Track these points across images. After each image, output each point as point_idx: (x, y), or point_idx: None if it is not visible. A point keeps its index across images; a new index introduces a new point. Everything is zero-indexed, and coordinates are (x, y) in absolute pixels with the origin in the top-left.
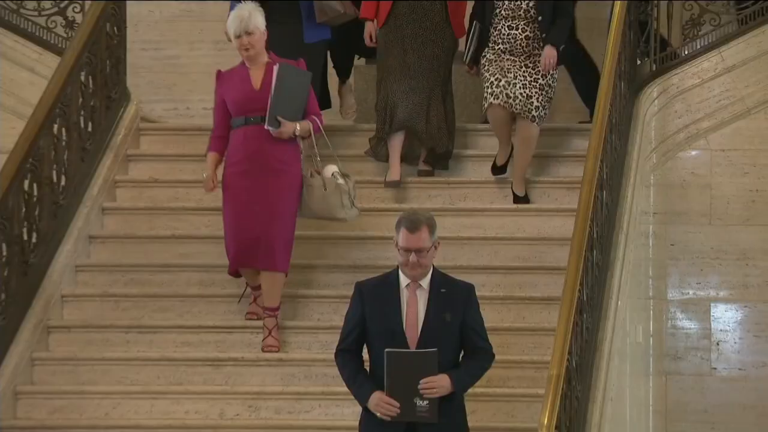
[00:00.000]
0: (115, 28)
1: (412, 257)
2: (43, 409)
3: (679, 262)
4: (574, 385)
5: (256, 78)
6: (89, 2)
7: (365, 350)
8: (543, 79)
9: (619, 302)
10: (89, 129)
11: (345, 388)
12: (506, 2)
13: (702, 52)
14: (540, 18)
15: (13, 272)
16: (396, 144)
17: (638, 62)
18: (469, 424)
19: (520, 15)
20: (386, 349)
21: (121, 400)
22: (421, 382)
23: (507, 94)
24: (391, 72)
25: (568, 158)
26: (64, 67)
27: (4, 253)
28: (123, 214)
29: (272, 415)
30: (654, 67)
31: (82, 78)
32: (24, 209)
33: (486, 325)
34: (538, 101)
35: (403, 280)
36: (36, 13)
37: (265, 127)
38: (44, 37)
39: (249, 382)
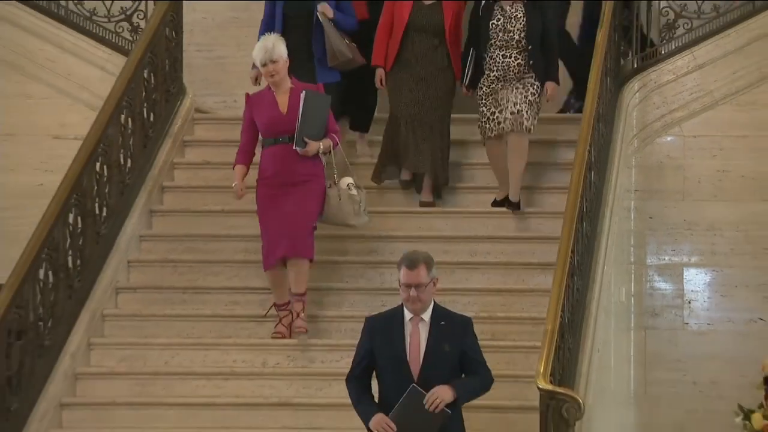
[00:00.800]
0: (173, 33)
1: (412, 292)
2: (112, 358)
3: (656, 232)
4: (566, 338)
5: (282, 103)
6: (152, 10)
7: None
8: (531, 96)
9: (605, 267)
10: (151, 119)
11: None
12: (500, 34)
13: (676, 52)
14: (530, 47)
15: (87, 241)
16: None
17: (622, 61)
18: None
19: (512, 45)
20: (413, 384)
21: (179, 351)
22: (426, 401)
23: (498, 122)
24: (398, 111)
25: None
26: (130, 65)
27: (80, 225)
28: (180, 191)
29: (307, 363)
30: (635, 65)
31: (145, 75)
32: (96, 187)
33: (491, 286)
34: (527, 114)
35: (407, 314)
36: (106, 20)
37: (294, 147)
38: (113, 40)
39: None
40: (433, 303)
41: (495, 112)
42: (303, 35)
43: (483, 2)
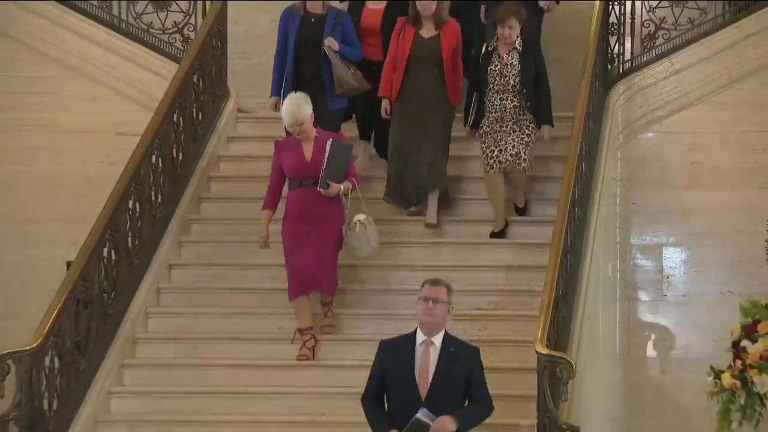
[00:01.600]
0: (219, 43)
1: (430, 304)
2: (167, 324)
3: (639, 216)
4: (560, 308)
5: (307, 151)
6: (200, 23)
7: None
8: (528, 138)
9: (594, 246)
10: (200, 117)
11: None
12: (498, 79)
13: (656, 59)
14: (524, 90)
15: (145, 224)
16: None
17: (609, 66)
18: (483, 338)
19: (508, 89)
20: (423, 408)
21: (224, 318)
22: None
23: (500, 161)
24: (403, 137)
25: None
26: (181, 71)
27: (138, 210)
28: (225, 181)
29: (337, 331)
30: (621, 70)
31: (195, 79)
32: (152, 177)
33: (495, 263)
34: (525, 155)
35: (419, 338)
36: (161, 32)
37: (318, 189)
38: (167, 50)
39: (317, 306)
40: (444, 330)
41: (495, 151)
42: (313, 65)
43: (483, 51)
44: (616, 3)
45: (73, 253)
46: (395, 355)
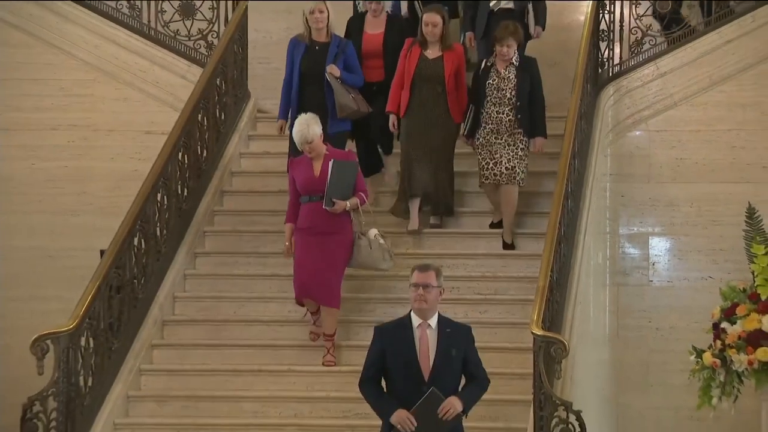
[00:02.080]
0: (240, 48)
1: (420, 291)
2: (192, 308)
3: (627, 208)
4: (554, 293)
5: (317, 168)
6: (223, 31)
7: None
8: (522, 151)
9: (586, 236)
10: (222, 117)
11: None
12: (495, 92)
13: (643, 63)
14: (519, 103)
15: (172, 215)
16: (414, 204)
17: (599, 70)
18: (483, 320)
19: (505, 102)
20: (432, 388)
21: (244, 303)
22: (439, 410)
23: (495, 173)
24: (410, 150)
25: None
26: (205, 75)
27: (166, 202)
28: (245, 176)
29: (347, 313)
30: (610, 74)
31: (218, 82)
32: (179, 172)
33: (494, 252)
34: (519, 168)
35: (415, 321)
36: (187, 38)
37: (323, 207)
38: (192, 55)
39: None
40: (438, 313)
41: (490, 163)
42: (317, 90)
43: (482, 65)
44: (606, 12)
45: (106, 242)
46: (394, 339)
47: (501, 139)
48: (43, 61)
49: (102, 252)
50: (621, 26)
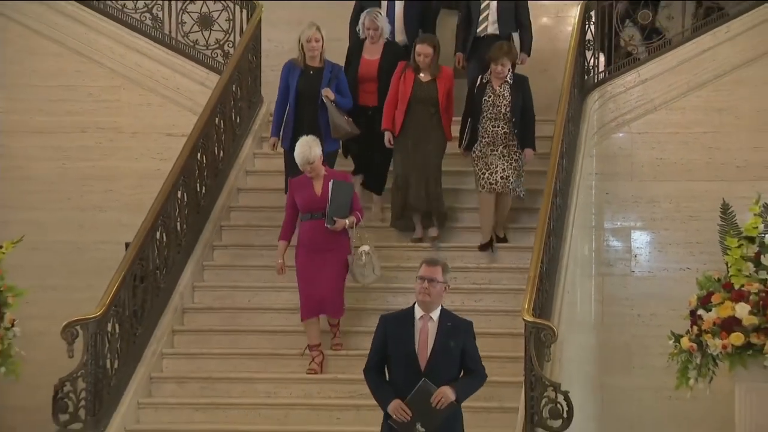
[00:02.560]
0: (254, 57)
1: (425, 284)
2: (210, 296)
3: (611, 204)
4: (544, 283)
5: (317, 187)
6: (238, 41)
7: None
8: (516, 162)
9: (573, 230)
10: (237, 120)
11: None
12: (491, 108)
13: (626, 71)
14: (513, 118)
15: (191, 211)
16: (416, 217)
17: (585, 77)
18: (478, 308)
19: (500, 117)
20: (424, 379)
21: (258, 292)
22: (432, 399)
23: (490, 182)
24: (405, 167)
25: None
26: (222, 81)
27: (185, 199)
28: (259, 174)
29: (353, 302)
30: (596, 80)
31: (233, 89)
32: (197, 171)
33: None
34: (514, 179)
35: (418, 313)
36: (205, 48)
37: (325, 225)
38: (210, 63)
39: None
40: (441, 306)
41: (486, 173)
42: (312, 112)
43: (478, 82)
44: (591, 23)
45: (130, 235)
46: (396, 329)
47: (496, 151)
48: (73, 69)
49: (127, 245)
50: (604, 36)
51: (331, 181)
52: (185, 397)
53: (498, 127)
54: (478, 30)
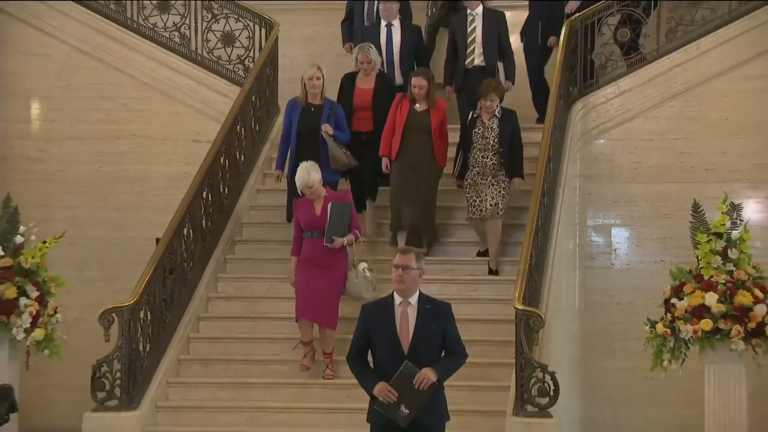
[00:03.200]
0: (271, 71)
1: (399, 272)
2: (232, 286)
3: (593, 204)
4: (533, 274)
5: (318, 208)
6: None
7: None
8: (503, 191)
9: (559, 227)
10: (257, 128)
11: None
12: (480, 140)
13: (606, 83)
14: (501, 149)
15: (215, 210)
16: (402, 236)
17: (570, 89)
18: (474, 297)
19: (489, 148)
20: (406, 361)
21: (275, 282)
22: (414, 381)
23: (480, 209)
24: (399, 188)
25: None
26: (243, 93)
27: (210, 199)
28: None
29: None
30: (579, 92)
31: (253, 100)
32: (221, 174)
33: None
34: (501, 205)
35: (397, 299)
36: (228, 62)
37: (324, 243)
38: (232, 77)
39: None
40: (419, 291)
41: (477, 200)
42: (313, 145)
43: (469, 116)
44: (574, 40)
45: (160, 232)
46: (377, 316)
47: (486, 180)
48: (109, 82)
49: (157, 240)
50: (588, 52)
51: (330, 202)
52: (209, 377)
53: (487, 157)
54: (466, 62)
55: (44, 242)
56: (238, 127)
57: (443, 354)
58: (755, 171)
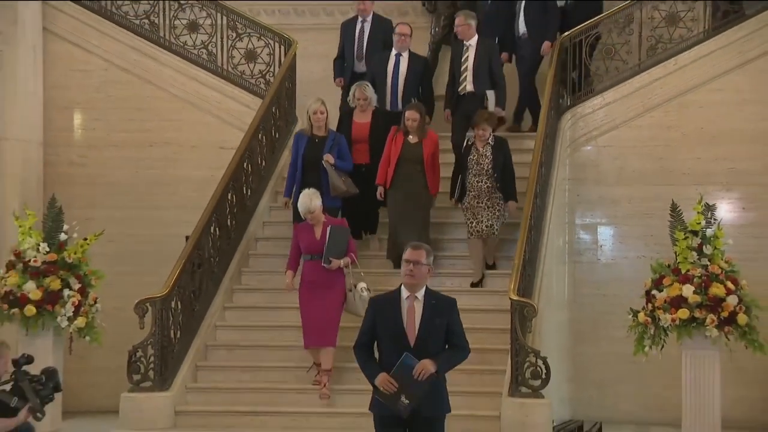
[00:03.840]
0: (290, 84)
1: (410, 267)
2: (254, 279)
3: (581, 204)
4: (527, 268)
5: (318, 232)
6: (277, 71)
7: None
8: (498, 212)
9: (550, 225)
10: (276, 136)
11: None
12: (475, 166)
13: (593, 96)
14: (495, 174)
15: (239, 209)
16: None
17: (560, 101)
18: (474, 289)
19: (483, 173)
20: (406, 353)
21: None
22: (414, 372)
23: (478, 230)
24: (394, 215)
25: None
26: (264, 104)
27: (235, 200)
28: None
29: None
30: (568, 103)
31: (273, 110)
32: (244, 177)
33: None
34: (497, 225)
35: (404, 293)
36: (250, 77)
37: (322, 264)
38: (254, 90)
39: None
40: (426, 286)
41: (474, 222)
42: (316, 174)
43: (465, 144)
44: (564, 56)
45: (189, 230)
46: (385, 309)
47: (482, 203)
48: (145, 95)
49: (187, 238)
50: (577, 67)
51: (330, 226)
52: (234, 361)
53: (482, 182)
54: (459, 89)
55: (85, 239)
56: (260, 135)
57: (447, 347)
58: (727, 175)
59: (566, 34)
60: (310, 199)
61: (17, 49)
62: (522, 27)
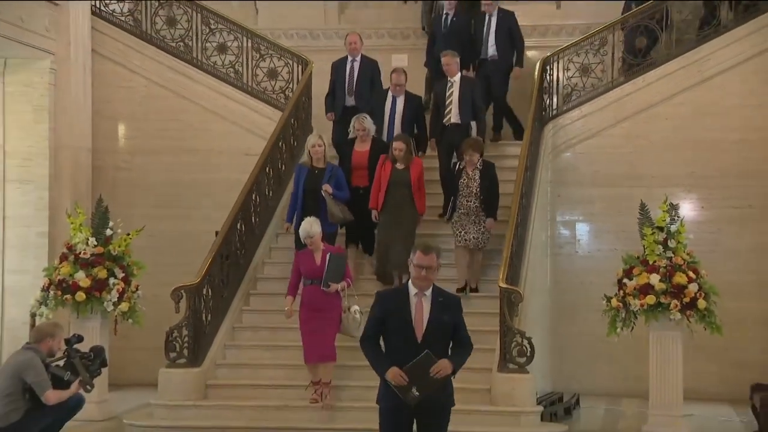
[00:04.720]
0: (306, 99)
1: (424, 272)
2: (276, 269)
3: (562, 203)
4: (514, 260)
5: (317, 258)
6: (296, 87)
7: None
8: (483, 228)
9: (534, 221)
10: (295, 144)
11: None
12: (465, 188)
13: (572, 108)
14: (482, 196)
15: (262, 208)
16: (396, 275)
17: (543, 113)
18: (465, 275)
19: (472, 194)
20: (427, 350)
21: None
22: (431, 370)
23: (465, 239)
24: (385, 236)
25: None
26: (283, 117)
27: (258, 200)
28: None
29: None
30: (550, 115)
31: (292, 122)
32: (266, 180)
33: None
34: (483, 239)
35: (412, 290)
36: (272, 92)
37: (321, 288)
38: (275, 104)
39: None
40: (433, 284)
41: (461, 232)
42: (315, 203)
43: (456, 168)
44: (547, 74)
45: (219, 226)
46: (392, 304)
47: (470, 220)
48: (178, 108)
49: (216, 233)
50: (557, 83)
51: (329, 253)
52: (258, 341)
53: (471, 202)
54: (444, 120)
55: (128, 234)
56: (280, 143)
57: (452, 344)
58: (689, 178)
59: (549, 54)
60: (310, 225)
61: (70, 69)
62: (492, 49)
